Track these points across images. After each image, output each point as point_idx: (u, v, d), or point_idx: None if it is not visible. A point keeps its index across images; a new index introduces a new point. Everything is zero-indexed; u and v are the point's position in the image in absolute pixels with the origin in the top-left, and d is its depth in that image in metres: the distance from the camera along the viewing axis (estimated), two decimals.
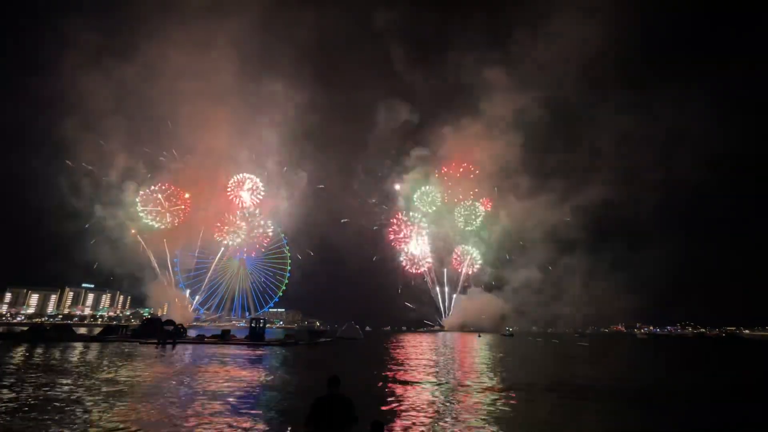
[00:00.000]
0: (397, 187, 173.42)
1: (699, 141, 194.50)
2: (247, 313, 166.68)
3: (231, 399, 14.09)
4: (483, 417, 12.73)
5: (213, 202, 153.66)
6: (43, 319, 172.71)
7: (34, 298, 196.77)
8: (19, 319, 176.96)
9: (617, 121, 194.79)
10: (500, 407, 14.23)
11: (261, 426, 11.14)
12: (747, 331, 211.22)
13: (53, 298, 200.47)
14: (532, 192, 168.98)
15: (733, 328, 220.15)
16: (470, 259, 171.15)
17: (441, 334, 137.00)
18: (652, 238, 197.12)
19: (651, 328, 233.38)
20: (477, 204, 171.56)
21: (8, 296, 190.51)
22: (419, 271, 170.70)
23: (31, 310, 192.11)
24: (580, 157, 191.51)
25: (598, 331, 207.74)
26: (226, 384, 17.13)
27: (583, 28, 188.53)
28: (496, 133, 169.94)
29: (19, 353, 30.98)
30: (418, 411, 13.26)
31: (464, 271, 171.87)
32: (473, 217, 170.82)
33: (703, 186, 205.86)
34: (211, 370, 20.22)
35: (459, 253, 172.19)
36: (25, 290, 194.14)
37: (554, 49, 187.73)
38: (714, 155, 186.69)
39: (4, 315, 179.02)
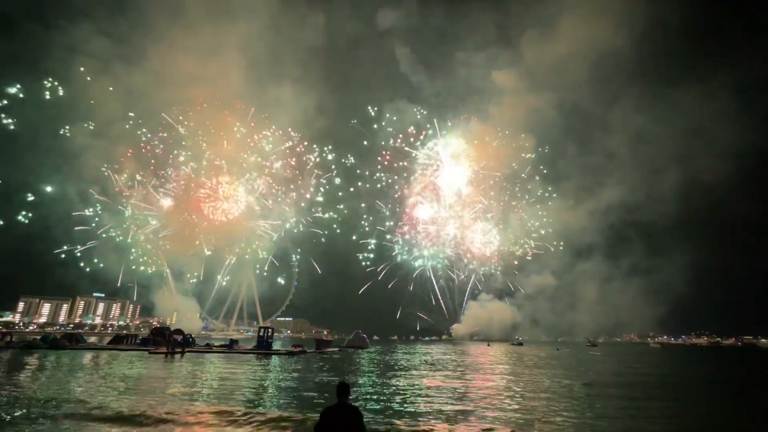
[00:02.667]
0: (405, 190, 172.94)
1: (718, 139, 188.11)
2: (255, 322, 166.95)
3: None
4: None
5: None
6: (54, 328, 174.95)
7: (46, 308, 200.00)
8: (31, 328, 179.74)
9: (633, 120, 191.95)
10: None
11: None
12: (764, 340, 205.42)
13: (65, 307, 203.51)
14: (545, 196, 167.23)
15: (750, 337, 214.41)
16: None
17: (448, 343, 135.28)
18: (671, 243, 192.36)
19: (665, 337, 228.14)
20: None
21: (21, 305, 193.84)
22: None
23: (43, 320, 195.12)
24: (595, 159, 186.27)
25: (610, 340, 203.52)
26: None
27: (595, 27, 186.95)
28: (506, 135, 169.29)
29: (22, 366, 31.37)
30: None
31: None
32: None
33: (723, 187, 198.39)
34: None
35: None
36: (37, 300, 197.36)
37: (566, 49, 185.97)
38: (735, 153, 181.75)
39: (17, 324, 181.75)
